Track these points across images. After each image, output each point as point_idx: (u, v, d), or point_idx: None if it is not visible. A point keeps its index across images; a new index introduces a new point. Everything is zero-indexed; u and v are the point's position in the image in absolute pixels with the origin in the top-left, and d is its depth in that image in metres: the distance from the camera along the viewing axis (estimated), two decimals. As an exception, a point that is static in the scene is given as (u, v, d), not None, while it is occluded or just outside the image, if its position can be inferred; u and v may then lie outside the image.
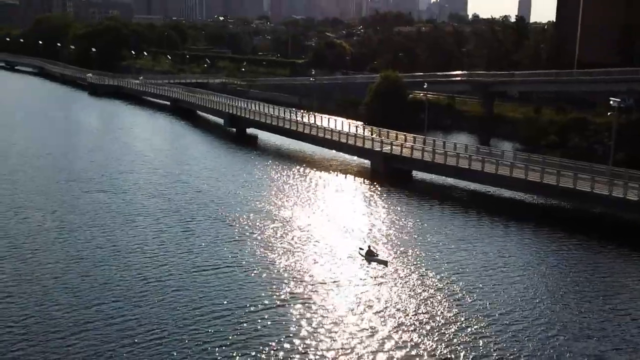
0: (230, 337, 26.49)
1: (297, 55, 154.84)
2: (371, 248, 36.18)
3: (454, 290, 31.82)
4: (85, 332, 26.78)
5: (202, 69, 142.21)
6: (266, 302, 30.14)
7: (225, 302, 29.93)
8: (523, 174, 49.21)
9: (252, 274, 33.48)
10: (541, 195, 49.84)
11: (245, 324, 27.75)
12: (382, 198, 50.61)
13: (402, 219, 44.26)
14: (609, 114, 54.83)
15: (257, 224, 42.02)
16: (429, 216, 45.74)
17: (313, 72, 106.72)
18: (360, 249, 36.53)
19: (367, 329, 27.61)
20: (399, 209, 47.21)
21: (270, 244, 38.18)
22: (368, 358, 25.35)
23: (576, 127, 70.13)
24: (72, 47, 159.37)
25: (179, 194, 49.88)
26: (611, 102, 50.71)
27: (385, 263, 34.85)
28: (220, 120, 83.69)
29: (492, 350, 26.04)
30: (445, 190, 54.17)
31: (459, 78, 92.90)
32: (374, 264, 34.87)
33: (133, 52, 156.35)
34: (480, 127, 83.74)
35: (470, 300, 30.72)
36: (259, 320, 28.15)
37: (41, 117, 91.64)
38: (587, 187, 45.48)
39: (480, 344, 26.39)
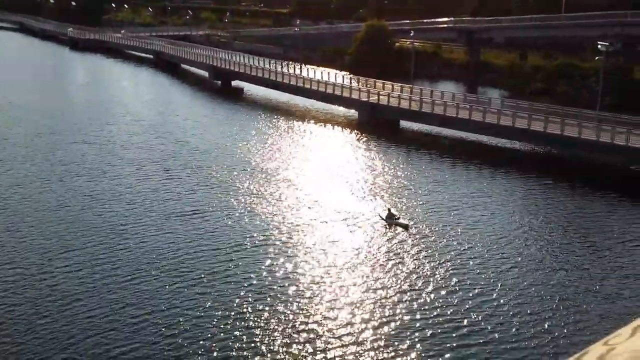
0: (206, 277, 27.09)
1: (281, 5, 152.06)
2: (392, 211, 33.62)
3: (438, 232, 31.97)
4: (69, 273, 27.27)
5: (183, 21, 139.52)
6: (244, 244, 30.59)
7: (204, 245, 30.40)
8: (510, 121, 49.15)
9: (231, 220, 33.73)
10: (529, 142, 49.89)
11: (222, 264, 28.32)
12: (369, 148, 50.50)
13: (389, 168, 44.23)
14: (596, 58, 54.54)
15: (240, 174, 41.93)
16: (417, 165, 45.73)
17: (297, 22, 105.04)
18: (380, 215, 33.79)
19: (336, 266, 28.27)
20: (386, 158, 47.15)
21: (252, 193, 38.25)
22: (338, 293, 25.94)
23: (563, 73, 69.81)
24: (52, 1, 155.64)
25: (162, 144, 49.83)
26: (599, 47, 50.37)
27: (406, 227, 32.44)
28: (205, 73, 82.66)
29: (469, 284, 26.52)
30: (433, 139, 54.10)
31: (444, 25, 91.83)
32: (396, 227, 32.75)
33: (113, 5, 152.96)
34: (467, 74, 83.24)
35: (457, 243, 30.89)
36: (236, 261, 28.68)
37: (21, 73, 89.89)
38: (575, 133, 45.57)
39: (462, 280, 26.75)
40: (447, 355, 21.38)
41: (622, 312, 24.55)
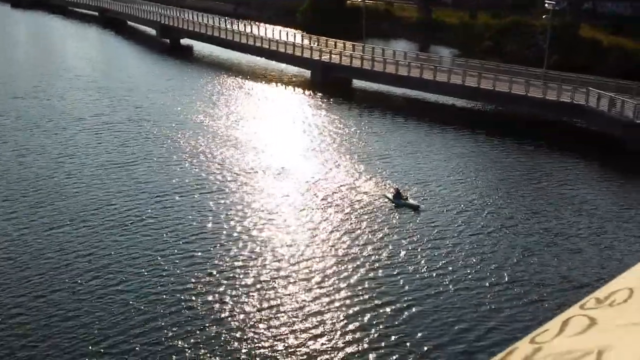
0: (132, 224, 28.09)
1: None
2: (400, 191, 31.49)
3: (382, 183, 32.40)
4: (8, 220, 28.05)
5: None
6: (184, 190, 31.82)
7: (141, 193, 31.42)
8: (460, 79, 49.67)
9: (167, 172, 34.53)
10: (478, 101, 50.59)
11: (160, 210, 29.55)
12: (321, 108, 50.42)
13: (341, 128, 44.31)
14: (543, 17, 55.24)
15: (183, 131, 41.72)
16: (370, 124, 45.94)
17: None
18: (386, 195, 31.57)
19: (271, 212, 28.68)
20: (338, 117, 47.16)
21: (194, 150, 38.33)
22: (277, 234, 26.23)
23: (512, 31, 70.46)
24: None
25: (103, 99, 49.59)
26: (546, 5, 51.01)
27: (416, 208, 30.30)
28: (153, 31, 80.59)
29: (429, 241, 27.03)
30: (385, 98, 54.30)
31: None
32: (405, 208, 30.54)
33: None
34: (419, 33, 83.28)
35: (412, 199, 31.41)
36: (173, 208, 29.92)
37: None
38: (522, 91, 46.40)
39: (420, 236, 27.31)
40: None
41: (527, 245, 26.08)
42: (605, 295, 1.42)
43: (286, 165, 35.79)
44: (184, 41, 76.16)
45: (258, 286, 23.17)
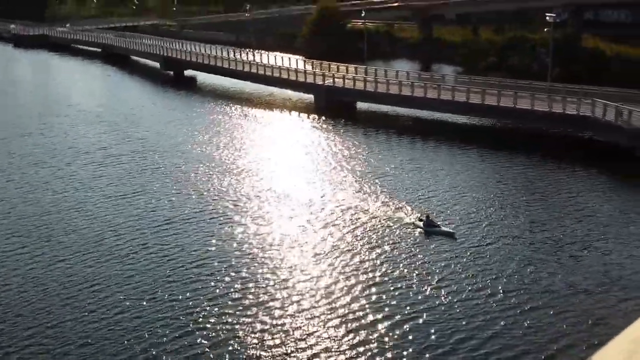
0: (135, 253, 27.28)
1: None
2: (430, 218, 30.11)
3: (405, 209, 31.98)
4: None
5: (131, 11, 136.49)
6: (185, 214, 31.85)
7: (146, 223, 31.34)
8: (464, 97, 49.39)
9: (172, 201, 34.31)
10: (484, 117, 50.24)
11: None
12: (326, 131, 50.18)
13: (348, 150, 43.96)
14: (545, 30, 55.10)
15: (188, 162, 41.43)
16: (376, 145, 45.58)
17: (248, 7, 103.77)
18: (420, 219, 30.26)
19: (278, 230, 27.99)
20: (343, 140, 46.83)
21: (199, 179, 38.00)
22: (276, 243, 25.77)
23: (514, 46, 70.38)
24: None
25: (108, 133, 49.75)
26: (547, 18, 50.87)
27: (451, 235, 28.90)
28: (156, 64, 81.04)
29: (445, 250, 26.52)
30: (390, 118, 54.08)
31: (396, 4, 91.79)
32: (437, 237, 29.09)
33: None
34: (420, 53, 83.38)
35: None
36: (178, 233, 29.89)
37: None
38: (527, 105, 46.04)
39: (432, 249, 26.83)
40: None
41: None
42: None
43: (298, 192, 35.28)
44: (188, 72, 76.49)
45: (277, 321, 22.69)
